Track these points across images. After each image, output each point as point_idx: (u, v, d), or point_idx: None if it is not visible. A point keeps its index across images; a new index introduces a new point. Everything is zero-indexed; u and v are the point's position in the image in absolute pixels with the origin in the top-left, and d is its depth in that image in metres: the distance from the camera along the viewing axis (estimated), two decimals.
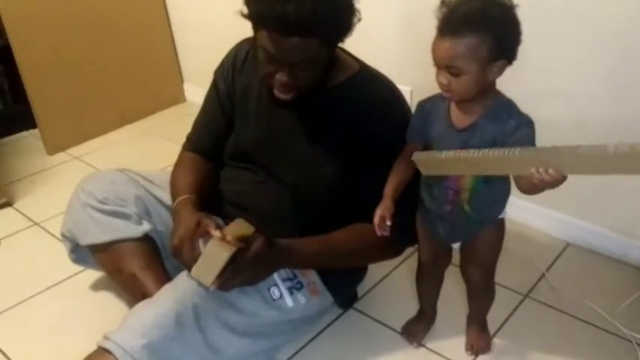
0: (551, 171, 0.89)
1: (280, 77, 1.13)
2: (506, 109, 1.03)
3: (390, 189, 1.14)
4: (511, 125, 1.00)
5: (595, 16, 1.46)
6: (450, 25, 0.96)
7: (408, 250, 1.69)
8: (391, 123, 1.21)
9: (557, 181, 0.90)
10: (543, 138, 1.02)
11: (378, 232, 1.10)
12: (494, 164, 0.96)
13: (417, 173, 1.13)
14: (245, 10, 1.09)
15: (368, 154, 1.22)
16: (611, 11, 1.43)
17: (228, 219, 1.26)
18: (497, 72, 1.00)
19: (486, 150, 0.94)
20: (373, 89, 1.24)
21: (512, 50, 0.99)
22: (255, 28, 1.11)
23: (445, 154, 1.00)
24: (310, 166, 1.27)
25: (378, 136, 1.21)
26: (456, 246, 1.24)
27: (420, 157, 1.05)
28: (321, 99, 1.23)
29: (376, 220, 1.10)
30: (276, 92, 1.18)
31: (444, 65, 0.99)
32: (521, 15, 0.99)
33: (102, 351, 1.09)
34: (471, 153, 0.96)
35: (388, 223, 1.09)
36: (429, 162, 1.05)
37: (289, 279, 1.28)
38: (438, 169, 1.06)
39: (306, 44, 1.06)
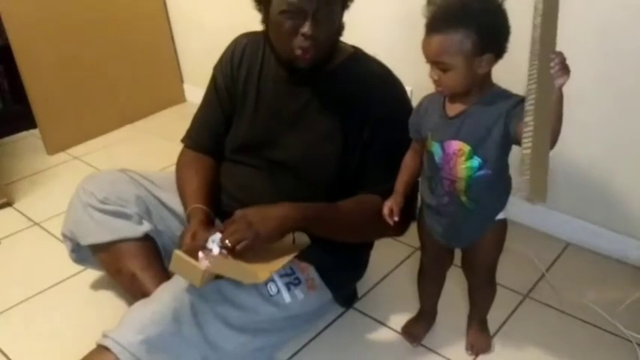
0: (552, 56, 0.86)
1: (305, 30, 1.14)
2: (502, 96, 1.04)
3: (400, 185, 1.18)
4: (513, 100, 1.01)
5: (589, 16, 1.46)
6: (434, 22, 1.00)
7: (408, 250, 1.69)
8: (388, 97, 1.26)
9: (562, 58, 0.86)
10: None
11: (388, 220, 1.15)
12: (541, 105, 0.89)
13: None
14: None
15: (369, 129, 1.25)
16: (604, 12, 1.44)
17: (228, 212, 1.30)
18: (486, 66, 1.01)
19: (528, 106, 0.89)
20: (367, 69, 1.29)
21: (499, 44, 1.01)
22: None
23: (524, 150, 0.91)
24: (311, 145, 1.29)
25: (375, 113, 1.24)
26: None
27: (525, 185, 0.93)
28: (320, 80, 1.26)
29: (385, 211, 1.15)
30: (297, 53, 1.18)
31: (432, 61, 1.01)
32: (517, 14, 0.99)
33: (101, 349, 1.10)
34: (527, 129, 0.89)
35: (396, 218, 1.14)
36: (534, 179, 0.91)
37: (287, 275, 1.29)
38: (544, 171, 0.92)
39: None
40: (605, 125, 1.54)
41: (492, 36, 0.99)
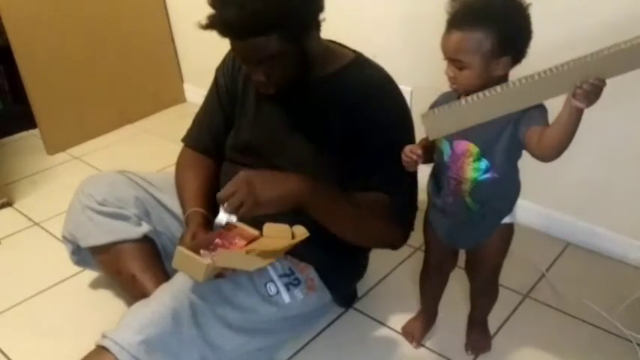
0: (591, 80, 0.85)
1: (255, 77, 1.17)
2: None
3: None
4: None
5: (599, 15, 1.46)
6: (457, 19, 0.98)
7: (408, 250, 1.69)
8: (387, 106, 1.24)
9: (599, 89, 0.87)
10: None
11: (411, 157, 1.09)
12: (530, 93, 0.90)
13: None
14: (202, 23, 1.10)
15: (367, 138, 1.23)
16: (615, 10, 1.43)
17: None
18: (502, 68, 1.00)
19: (515, 81, 0.89)
20: (367, 75, 1.27)
21: (519, 48, 1.00)
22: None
23: (465, 101, 0.94)
24: (310, 153, 1.27)
25: (375, 119, 1.22)
26: None
27: (431, 116, 0.98)
28: (317, 88, 1.25)
29: (406, 149, 1.09)
30: (259, 89, 1.22)
31: (450, 58, 1.01)
32: (537, 19, 0.99)
33: (100, 349, 1.10)
34: (499, 89, 0.91)
35: (419, 152, 1.07)
36: (441, 118, 0.97)
37: (286, 275, 1.29)
38: (453, 124, 0.98)
39: (263, 43, 1.07)
40: (606, 124, 1.54)
41: (513, 39, 0.98)
